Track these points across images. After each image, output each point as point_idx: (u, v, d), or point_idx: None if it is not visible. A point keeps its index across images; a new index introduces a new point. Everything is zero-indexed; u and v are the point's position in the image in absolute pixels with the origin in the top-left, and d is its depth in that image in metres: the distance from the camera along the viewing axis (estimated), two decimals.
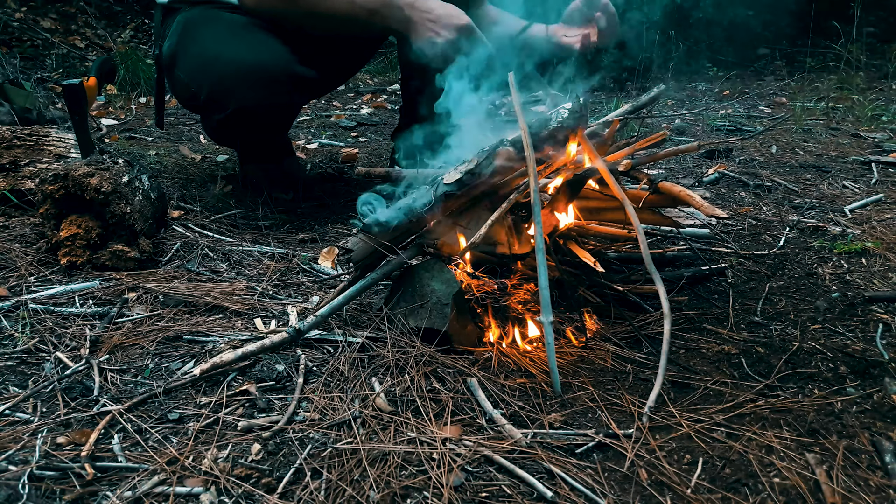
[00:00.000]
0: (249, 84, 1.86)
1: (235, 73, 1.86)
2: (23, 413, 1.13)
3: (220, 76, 1.88)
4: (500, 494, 0.99)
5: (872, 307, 1.56)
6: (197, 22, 1.97)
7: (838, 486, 1.01)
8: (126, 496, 0.95)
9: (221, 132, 2.14)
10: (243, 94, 1.88)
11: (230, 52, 1.88)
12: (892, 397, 1.22)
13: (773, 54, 6.20)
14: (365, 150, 3.18)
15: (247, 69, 1.86)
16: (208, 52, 1.91)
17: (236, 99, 1.89)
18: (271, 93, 1.91)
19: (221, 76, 1.88)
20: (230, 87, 1.88)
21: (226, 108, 1.92)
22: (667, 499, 0.98)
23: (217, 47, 1.90)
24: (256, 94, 1.88)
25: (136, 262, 1.68)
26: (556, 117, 1.33)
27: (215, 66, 1.88)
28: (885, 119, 3.77)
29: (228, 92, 1.89)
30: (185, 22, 1.97)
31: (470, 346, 1.37)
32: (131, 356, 1.31)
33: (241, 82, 1.86)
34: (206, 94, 1.92)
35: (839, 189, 2.55)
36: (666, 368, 1.22)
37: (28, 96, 2.69)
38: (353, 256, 1.41)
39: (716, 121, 3.81)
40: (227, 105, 1.91)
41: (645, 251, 1.27)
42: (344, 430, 1.11)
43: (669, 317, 1.23)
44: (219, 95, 1.91)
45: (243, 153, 2.38)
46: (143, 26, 5.64)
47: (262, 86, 1.88)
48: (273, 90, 1.91)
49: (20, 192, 2.00)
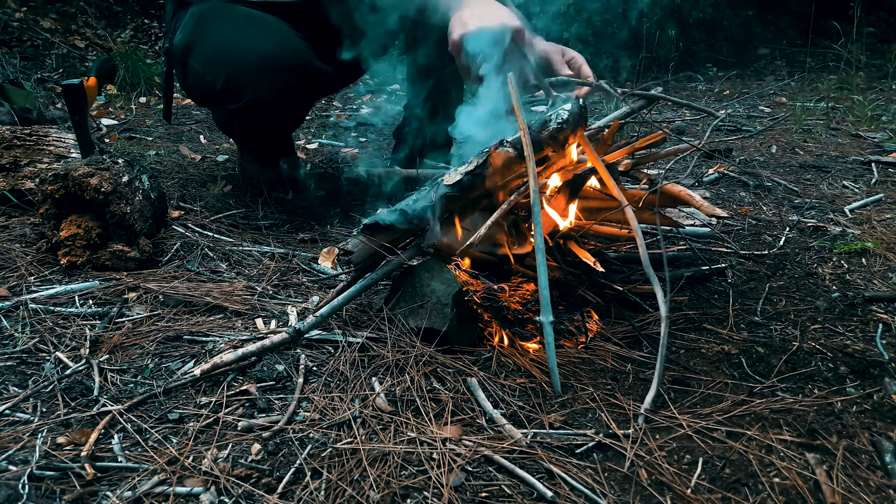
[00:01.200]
0: (266, 75, 1.86)
1: (253, 62, 1.85)
2: (23, 413, 1.13)
3: (237, 65, 1.87)
4: (500, 494, 0.99)
5: (872, 307, 1.56)
6: (213, 13, 1.97)
7: (838, 486, 1.01)
8: (126, 496, 0.95)
9: (233, 124, 2.14)
10: (260, 85, 1.88)
11: (248, 42, 1.88)
12: (892, 397, 1.22)
13: (773, 54, 6.20)
14: (365, 150, 3.18)
15: (265, 60, 1.85)
16: (226, 41, 1.90)
17: (252, 89, 1.89)
18: (288, 85, 1.91)
19: (239, 65, 1.87)
20: (247, 77, 1.87)
21: (241, 97, 1.91)
22: (667, 499, 0.98)
23: (235, 37, 1.90)
24: (273, 85, 1.88)
25: (136, 262, 1.68)
26: (555, 118, 1.33)
27: (233, 55, 1.88)
28: (885, 119, 3.77)
29: (245, 82, 1.88)
30: (200, 14, 1.97)
31: (470, 346, 1.37)
32: (131, 356, 1.31)
33: (259, 72, 1.86)
34: (221, 84, 1.91)
35: (839, 189, 2.55)
36: (664, 370, 1.22)
37: (28, 96, 2.69)
38: (354, 258, 1.41)
39: (716, 121, 3.81)
40: (242, 95, 1.91)
41: (643, 253, 1.28)
42: (344, 430, 1.11)
43: (666, 320, 1.23)
44: (235, 85, 1.90)
45: (244, 152, 2.38)
46: (143, 26, 5.64)
47: (279, 77, 1.87)
48: (290, 83, 1.91)
49: (20, 192, 2.00)
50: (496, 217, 1.31)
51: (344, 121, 3.86)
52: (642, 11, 5.53)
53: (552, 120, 1.33)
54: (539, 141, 1.33)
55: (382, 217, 1.36)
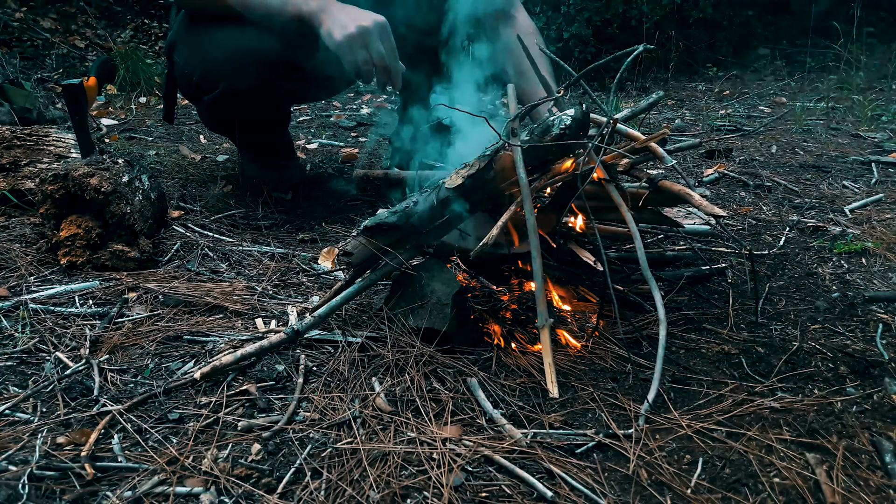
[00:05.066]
0: (240, 64, 1.91)
1: (228, 53, 1.91)
2: (23, 413, 1.13)
3: (212, 55, 1.93)
4: (500, 494, 0.99)
5: (872, 307, 1.56)
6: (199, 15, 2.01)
7: (838, 486, 1.01)
8: (126, 496, 0.95)
9: (212, 116, 2.19)
10: (234, 74, 1.93)
11: (224, 35, 1.92)
12: (892, 397, 1.22)
13: (773, 54, 6.20)
14: (365, 150, 3.18)
15: (239, 50, 1.90)
16: (203, 35, 1.97)
17: (227, 79, 1.94)
18: (260, 75, 1.95)
19: (214, 55, 1.93)
20: (221, 67, 1.93)
21: (215, 87, 1.97)
22: (667, 499, 0.98)
23: (212, 31, 1.95)
24: (245, 75, 1.93)
25: (136, 262, 1.68)
26: (558, 123, 1.33)
27: (208, 46, 1.94)
28: (885, 119, 3.77)
29: (219, 71, 1.94)
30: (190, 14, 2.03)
31: (470, 346, 1.37)
32: (131, 356, 1.31)
33: (232, 63, 1.91)
34: (198, 75, 1.98)
35: (839, 189, 2.55)
36: (662, 372, 1.22)
37: (28, 96, 2.69)
38: (353, 260, 1.40)
39: (716, 121, 3.81)
40: (216, 84, 1.97)
41: (641, 257, 1.28)
42: (344, 430, 1.11)
43: (665, 323, 1.23)
44: (210, 75, 1.96)
45: (244, 153, 2.38)
46: (143, 26, 5.64)
47: (252, 68, 1.92)
48: (262, 73, 1.94)
49: (20, 192, 2.00)
50: (505, 219, 1.31)
51: (344, 121, 3.86)
52: (642, 11, 5.53)
53: (554, 125, 1.33)
54: (540, 146, 1.33)
55: (383, 218, 1.36)
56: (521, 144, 1.32)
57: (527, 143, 1.33)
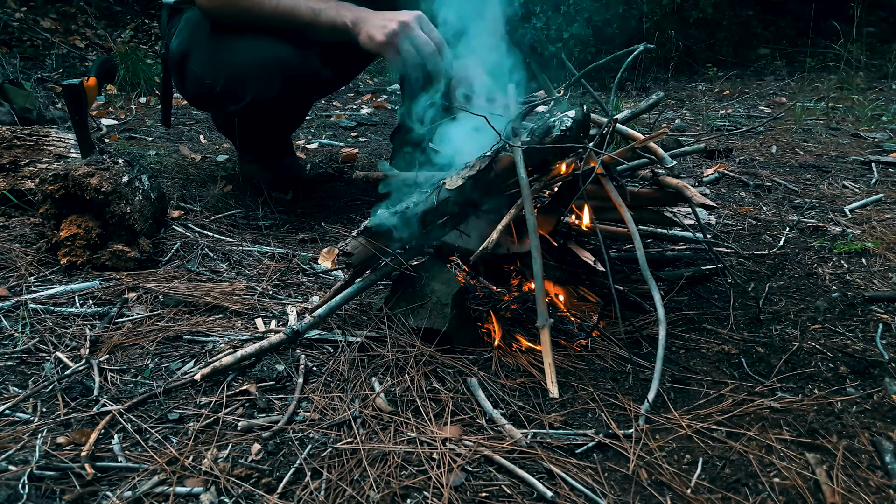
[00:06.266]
0: (268, 76, 1.88)
1: (254, 64, 1.87)
2: (23, 413, 1.13)
3: (238, 67, 1.89)
4: (500, 494, 0.99)
5: (872, 307, 1.56)
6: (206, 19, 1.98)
7: (838, 486, 1.01)
8: (126, 496, 0.95)
9: (233, 126, 2.16)
10: (261, 86, 1.90)
11: (248, 44, 1.89)
12: (892, 397, 1.22)
13: (773, 54, 6.20)
14: (365, 150, 3.17)
15: (266, 61, 1.87)
16: (225, 44, 1.92)
17: (254, 91, 1.91)
18: (288, 87, 1.92)
19: (239, 67, 1.89)
20: (248, 79, 1.89)
21: (242, 99, 1.93)
22: (667, 499, 0.98)
23: (234, 40, 1.92)
24: (274, 86, 1.90)
25: (136, 262, 1.68)
26: (559, 125, 1.33)
27: (233, 57, 1.90)
28: (885, 119, 3.77)
29: (246, 83, 1.90)
30: (197, 19, 1.99)
31: (470, 346, 1.37)
32: (131, 356, 1.31)
33: (260, 74, 1.88)
34: (222, 86, 1.93)
35: (839, 189, 2.55)
36: (662, 372, 1.22)
37: (28, 96, 2.69)
38: (353, 260, 1.40)
39: (716, 121, 3.81)
40: (243, 96, 1.92)
41: (641, 257, 1.28)
42: (344, 430, 1.11)
43: (664, 323, 1.23)
44: (236, 86, 1.92)
45: (243, 153, 2.38)
46: (143, 26, 5.64)
47: (279, 79, 1.89)
48: (290, 84, 1.92)
49: (20, 192, 2.00)
50: (506, 222, 1.31)
51: (344, 121, 3.86)
52: (642, 11, 5.53)
53: (556, 127, 1.33)
54: (541, 147, 1.34)
55: (383, 219, 1.35)
56: (521, 146, 1.32)
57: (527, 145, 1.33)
